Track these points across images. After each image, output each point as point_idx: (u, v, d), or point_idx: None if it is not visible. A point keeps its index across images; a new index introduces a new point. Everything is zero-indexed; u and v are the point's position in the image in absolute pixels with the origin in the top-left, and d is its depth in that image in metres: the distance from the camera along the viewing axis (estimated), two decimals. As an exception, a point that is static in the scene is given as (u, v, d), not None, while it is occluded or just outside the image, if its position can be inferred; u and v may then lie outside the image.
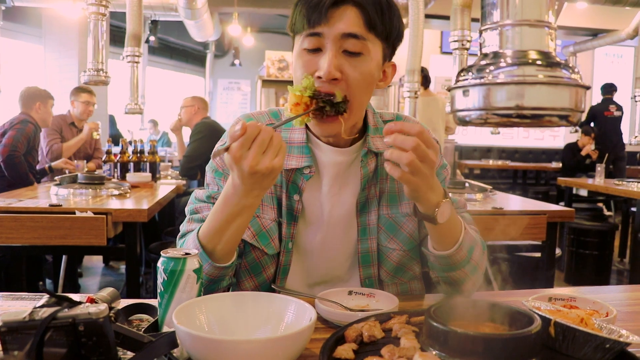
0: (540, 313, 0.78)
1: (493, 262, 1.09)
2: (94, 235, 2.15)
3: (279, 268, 1.10)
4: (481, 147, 8.53)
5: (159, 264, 0.83)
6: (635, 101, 3.12)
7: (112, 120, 7.20)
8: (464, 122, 0.93)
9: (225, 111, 10.83)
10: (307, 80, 0.96)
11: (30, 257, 3.01)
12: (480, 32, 0.93)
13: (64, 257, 3.52)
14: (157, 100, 9.24)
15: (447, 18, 2.90)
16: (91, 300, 0.80)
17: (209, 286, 0.98)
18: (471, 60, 1.05)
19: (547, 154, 8.59)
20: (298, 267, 1.12)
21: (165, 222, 3.97)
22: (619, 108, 6.49)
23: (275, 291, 1.07)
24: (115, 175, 3.41)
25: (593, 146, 6.15)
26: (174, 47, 10.17)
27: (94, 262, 4.66)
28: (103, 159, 3.53)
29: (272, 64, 7.23)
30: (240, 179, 0.86)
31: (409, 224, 1.11)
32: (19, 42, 6.59)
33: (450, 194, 0.99)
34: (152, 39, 6.79)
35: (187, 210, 1.12)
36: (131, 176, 3.26)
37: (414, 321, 0.86)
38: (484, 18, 0.92)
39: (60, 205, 2.27)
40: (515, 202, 2.89)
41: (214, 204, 0.97)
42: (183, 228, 1.09)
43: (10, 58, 6.41)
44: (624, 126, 6.92)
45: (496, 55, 0.89)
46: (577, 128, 7.64)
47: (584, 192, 5.40)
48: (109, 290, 0.89)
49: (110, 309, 0.79)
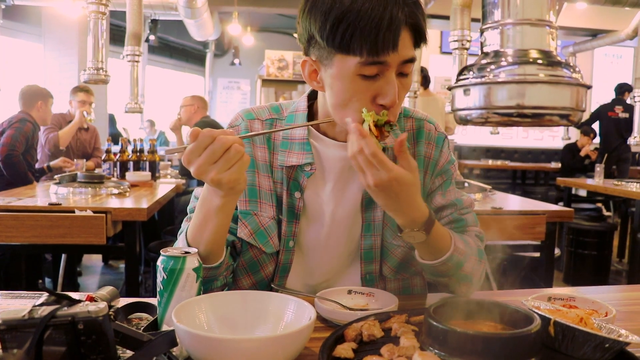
0: (539, 312, 0.78)
1: (492, 262, 1.09)
2: (94, 234, 2.15)
3: (278, 266, 1.10)
4: (480, 147, 8.52)
5: (159, 263, 0.83)
6: (635, 102, 3.12)
7: (112, 120, 7.20)
8: (464, 121, 0.93)
9: (225, 110, 10.83)
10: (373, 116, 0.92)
11: (29, 256, 3.00)
12: (481, 31, 0.93)
13: (63, 256, 3.52)
14: (157, 100, 9.24)
15: (447, 18, 2.89)
16: (91, 299, 0.80)
17: (202, 286, 0.98)
18: (471, 60, 1.05)
19: (547, 154, 8.59)
20: (300, 266, 1.11)
21: (164, 221, 3.97)
22: (627, 109, 6.19)
23: (275, 290, 1.06)
24: (115, 174, 3.40)
25: (592, 147, 6.15)
26: (173, 46, 10.17)
27: (93, 261, 4.66)
28: (102, 157, 3.53)
29: (272, 64, 7.22)
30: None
31: None
32: (19, 41, 6.58)
33: (464, 195, 0.96)
34: (152, 38, 6.79)
35: (188, 208, 1.11)
36: (131, 175, 3.25)
37: (413, 320, 0.86)
38: (484, 17, 0.92)
39: (60, 204, 2.27)
40: (515, 202, 2.90)
41: (201, 202, 0.97)
42: (183, 226, 1.09)
43: (10, 57, 6.40)
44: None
45: (497, 54, 0.89)
46: (569, 136, 7.62)
47: (583, 193, 5.40)
48: (108, 289, 0.89)
49: (110, 307, 0.79)
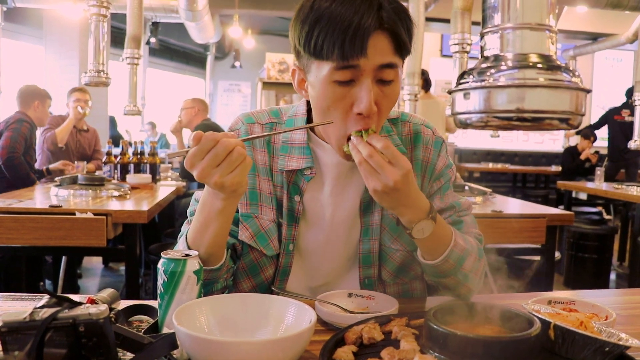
0: (539, 316, 0.78)
1: (492, 265, 1.09)
2: (94, 236, 2.15)
3: (278, 269, 1.10)
4: (481, 151, 8.52)
5: (159, 265, 0.83)
6: (636, 105, 3.12)
7: (113, 122, 7.20)
8: (464, 125, 0.93)
9: (225, 113, 10.84)
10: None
11: (30, 258, 3.00)
12: (482, 35, 0.93)
13: (64, 258, 3.52)
14: (158, 102, 9.24)
15: (448, 21, 2.90)
16: (91, 301, 0.80)
17: (203, 289, 0.98)
18: (471, 64, 1.05)
19: (547, 158, 8.59)
20: (300, 269, 1.12)
21: (165, 224, 3.97)
22: (634, 113, 6.17)
23: (275, 293, 1.07)
24: (115, 176, 3.41)
25: (592, 150, 6.15)
26: (174, 49, 10.18)
27: (94, 263, 4.66)
28: (103, 160, 3.53)
29: (273, 66, 7.24)
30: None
31: None
32: (20, 43, 6.59)
33: (462, 197, 0.98)
34: (153, 40, 6.79)
35: (189, 211, 1.12)
36: (131, 177, 3.26)
37: (413, 324, 0.86)
38: (485, 21, 0.92)
39: (61, 206, 2.27)
40: (515, 206, 2.90)
41: (201, 205, 0.97)
42: (184, 229, 1.10)
43: (11, 59, 6.41)
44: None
45: (497, 58, 0.89)
46: (569, 144, 7.56)
47: (583, 196, 5.39)
48: (109, 291, 0.89)
49: (111, 309, 0.79)
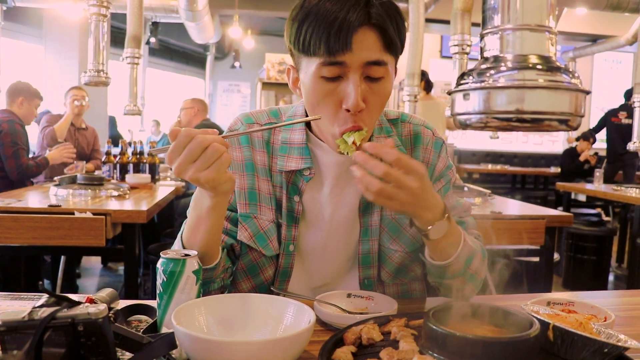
0: (539, 317, 0.78)
1: (491, 266, 1.09)
2: (93, 236, 2.15)
3: (279, 270, 1.10)
4: (480, 152, 8.53)
5: (159, 265, 0.83)
6: (635, 107, 3.12)
7: (113, 122, 7.20)
8: (464, 126, 0.93)
9: (225, 113, 10.84)
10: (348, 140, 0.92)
11: (28, 257, 3.00)
12: (481, 36, 0.94)
13: (63, 258, 3.52)
14: (158, 102, 9.24)
15: (447, 22, 2.91)
16: (90, 301, 0.80)
17: None
18: (471, 65, 1.05)
19: (546, 159, 8.60)
20: (300, 270, 1.11)
21: (164, 224, 3.97)
22: (631, 115, 6.02)
23: (274, 294, 1.07)
24: (115, 176, 3.41)
25: (592, 151, 6.15)
26: (174, 49, 10.18)
27: (92, 263, 4.66)
28: (102, 159, 3.53)
29: (272, 67, 7.24)
30: None
31: None
32: (20, 43, 6.59)
33: (462, 199, 0.97)
34: (153, 40, 6.79)
35: (188, 211, 1.12)
36: (130, 177, 3.26)
37: (412, 324, 0.86)
38: (484, 22, 0.92)
39: (60, 206, 2.27)
40: (514, 207, 2.90)
41: (193, 204, 0.97)
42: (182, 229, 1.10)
43: (11, 58, 6.41)
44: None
45: (497, 59, 0.89)
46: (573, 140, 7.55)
47: (582, 197, 5.40)
48: (108, 291, 0.89)
49: (110, 309, 0.79)
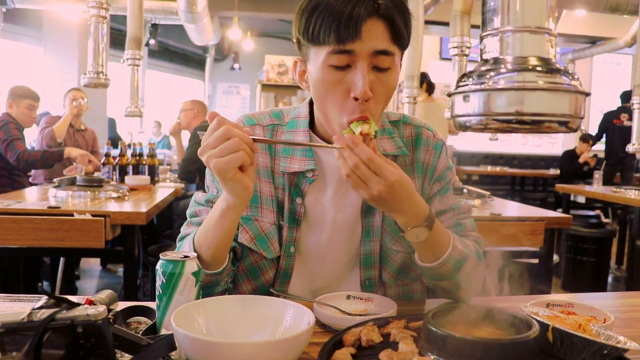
0: (538, 318, 0.78)
1: (491, 268, 1.09)
2: (92, 237, 2.14)
3: (279, 272, 1.10)
4: (479, 154, 8.53)
5: (158, 267, 0.83)
6: (634, 109, 3.13)
7: (112, 124, 7.20)
8: (464, 128, 0.93)
9: (224, 115, 10.43)
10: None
11: (27, 259, 2.99)
12: (481, 38, 0.94)
13: (62, 260, 3.52)
14: (157, 104, 9.25)
15: (447, 24, 2.91)
16: (90, 302, 0.80)
17: (203, 291, 0.98)
18: (470, 67, 1.05)
19: (546, 161, 8.60)
20: (301, 272, 1.11)
21: (163, 225, 3.96)
22: (632, 117, 6.15)
23: (274, 295, 1.06)
24: (114, 177, 3.40)
25: (591, 153, 6.16)
26: (174, 51, 10.19)
27: (91, 265, 4.65)
28: (102, 161, 3.53)
29: (272, 69, 7.24)
30: None
31: None
32: (20, 44, 6.59)
33: (461, 200, 0.96)
34: (152, 42, 6.80)
35: (188, 213, 1.12)
36: (130, 179, 3.25)
37: (412, 326, 0.86)
38: (484, 24, 0.93)
39: (59, 208, 2.26)
40: (513, 209, 2.90)
41: (212, 207, 0.97)
42: (183, 231, 1.10)
43: (11, 60, 6.41)
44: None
45: (496, 61, 0.90)
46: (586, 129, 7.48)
47: (581, 199, 5.40)
48: (107, 293, 0.89)
49: (109, 311, 0.79)
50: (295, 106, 1.15)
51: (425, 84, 4.96)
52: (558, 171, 6.63)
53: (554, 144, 9.00)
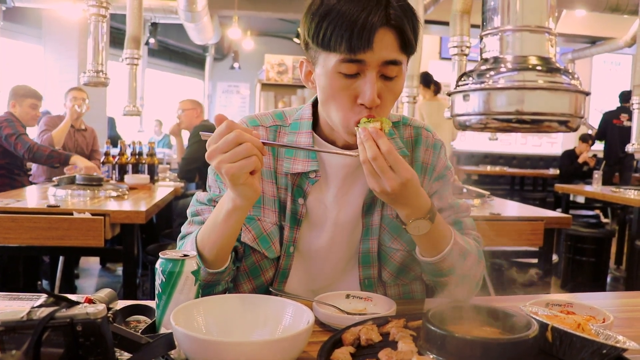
0: (537, 318, 0.78)
1: (490, 268, 1.09)
2: (92, 236, 2.14)
3: (278, 271, 1.10)
4: (479, 153, 8.53)
5: (157, 265, 0.83)
6: (634, 109, 3.13)
7: (112, 123, 7.20)
8: (464, 127, 0.93)
9: (224, 114, 10.81)
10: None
11: (27, 258, 3.00)
12: (481, 38, 0.94)
13: (61, 258, 3.52)
14: (157, 103, 9.24)
15: (447, 24, 2.91)
16: (89, 301, 0.80)
17: (204, 290, 0.98)
18: (470, 66, 1.05)
19: (545, 161, 8.61)
20: (301, 271, 1.12)
21: (163, 224, 3.96)
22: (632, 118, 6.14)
23: (273, 294, 1.07)
24: (114, 176, 3.40)
25: (591, 153, 6.16)
26: (173, 50, 10.18)
27: (91, 264, 4.65)
28: (101, 160, 3.53)
29: (272, 68, 7.23)
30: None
31: None
32: (19, 43, 6.58)
33: (461, 200, 0.97)
34: (152, 41, 6.79)
35: (189, 212, 1.12)
36: (129, 178, 3.25)
37: (411, 325, 0.86)
38: (484, 23, 0.93)
39: (58, 206, 2.26)
40: (513, 208, 2.90)
41: (215, 206, 0.97)
42: (184, 230, 1.10)
43: (11, 58, 6.41)
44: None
45: (496, 60, 0.89)
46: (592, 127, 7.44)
47: (581, 199, 5.40)
48: (106, 291, 0.89)
49: (108, 309, 0.79)
50: (298, 107, 1.15)
51: (432, 84, 5.03)
52: (557, 171, 6.64)
53: (554, 144, 9.00)
